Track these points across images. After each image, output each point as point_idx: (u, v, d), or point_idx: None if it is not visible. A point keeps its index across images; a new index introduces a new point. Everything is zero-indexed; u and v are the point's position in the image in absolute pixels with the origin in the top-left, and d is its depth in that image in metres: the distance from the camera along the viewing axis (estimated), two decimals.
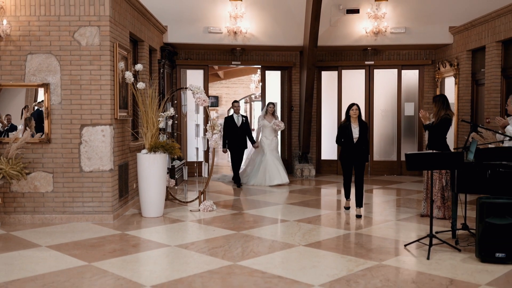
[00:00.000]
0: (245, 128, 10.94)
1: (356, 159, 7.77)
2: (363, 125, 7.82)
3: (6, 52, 7.20)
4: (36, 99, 7.43)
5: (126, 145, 8.13)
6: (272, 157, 11.11)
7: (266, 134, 11.21)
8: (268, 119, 11.23)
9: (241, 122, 10.87)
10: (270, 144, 11.20)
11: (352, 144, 7.72)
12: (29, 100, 7.47)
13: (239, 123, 10.85)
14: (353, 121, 7.81)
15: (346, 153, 7.82)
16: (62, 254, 5.65)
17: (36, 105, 7.40)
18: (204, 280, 4.82)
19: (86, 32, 7.21)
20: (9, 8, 7.18)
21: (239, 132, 10.83)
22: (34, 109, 7.42)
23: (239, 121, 10.87)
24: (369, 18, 11.67)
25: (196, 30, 11.50)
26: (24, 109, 7.44)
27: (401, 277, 4.95)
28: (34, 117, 7.42)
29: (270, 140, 11.23)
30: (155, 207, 7.69)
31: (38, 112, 7.40)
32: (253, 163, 11.37)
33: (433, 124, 7.31)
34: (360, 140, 7.72)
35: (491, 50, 9.81)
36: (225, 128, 10.89)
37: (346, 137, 7.77)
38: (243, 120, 10.93)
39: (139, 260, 5.57)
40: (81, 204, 7.33)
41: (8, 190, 7.28)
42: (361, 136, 7.72)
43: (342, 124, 7.93)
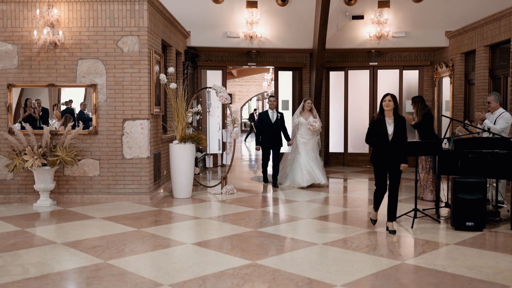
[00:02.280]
0: (280, 125, 10.39)
1: (391, 162, 6.44)
2: (400, 120, 6.44)
3: (61, 58, 8.55)
4: (60, 99, 8.72)
5: (159, 137, 9.44)
6: (307, 158, 10.23)
7: (302, 132, 10.30)
8: (305, 116, 10.30)
9: (276, 118, 10.36)
10: (306, 143, 10.27)
11: (387, 142, 6.39)
12: (52, 99, 8.73)
13: (274, 119, 10.35)
14: (388, 115, 6.44)
15: (379, 154, 6.48)
16: (115, 223, 6.98)
17: (63, 104, 8.70)
18: (232, 241, 6.12)
19: (127, 41, 8.53)
20: (64, 21, 8.52)
21: (273, 128, 10.32)
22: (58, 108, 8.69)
23: (274, 117, 10.37)
24: (372, 24, 12.88)
25: (216, 34, 12.79)
26: (54, 106, 8.71)
27: (388, 239, 6.20)
28: (68, 114, 8.70)
29: (307, 140, 10.27)
30: (185, 189, 9.01)
31: (69, 110, 8.69)
32: (287, 163, 10.64)
33: (419, 122, 8.53)
34: (396, 138, 6.38)
35: (480, 54, 11.00)
36: (259, 124, 10.49)
37: (379, 135, 6.43)
38: (278, 116, 10.39)
39: (178, 227, 6.89)
40: (123, 186, 8.66)
41: (62, 174, 8.64)
42: (397, 133, 6.37)
43: (375, 119, 6.55)
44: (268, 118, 10.38)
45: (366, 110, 14.14)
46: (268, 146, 10.36)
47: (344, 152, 14.28)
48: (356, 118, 14.16)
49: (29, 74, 8.56)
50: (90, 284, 4.55)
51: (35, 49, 8.53)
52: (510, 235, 6.38)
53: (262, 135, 10.39)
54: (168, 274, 4.82)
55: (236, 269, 4.97)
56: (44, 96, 8.68)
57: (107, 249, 5.66)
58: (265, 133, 10.34)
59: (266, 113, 10.51)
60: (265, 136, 10.35)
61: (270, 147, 10.36)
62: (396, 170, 6.46)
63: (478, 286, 4.49)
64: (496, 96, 8.10)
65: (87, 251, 5.59)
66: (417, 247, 5.82)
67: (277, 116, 10.38)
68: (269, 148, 10.38)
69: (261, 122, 10.42)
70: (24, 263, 5.15)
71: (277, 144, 10.38)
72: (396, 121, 6.42)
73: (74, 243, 5.94)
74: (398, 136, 6.39)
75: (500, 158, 6.66)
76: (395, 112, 6.44)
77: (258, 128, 10.51)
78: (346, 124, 14.23)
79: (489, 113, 8.26)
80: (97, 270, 4.92)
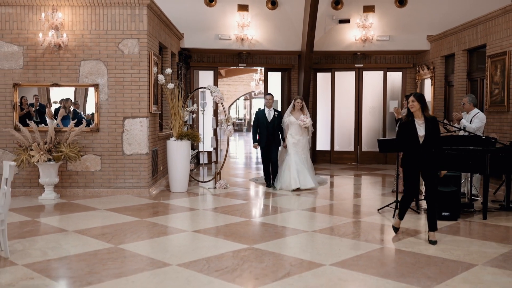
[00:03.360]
0: (277, 124, 10.09)
1: (424, 167, 6.06)
2: (430, 120, 6.04)
3: (64, 59, 9.03)
4: (49, 98, 9.22)
5: (156, 134, 9.96)
6: (296, 159, 9.84)
7: (292, 132, 9.97)
8: (296, 115, 9.98)
9: (273, 117, 10.05)
10: (296, 144, 9.93)
11: (418, 146, 6.01)
12: (42, 97, 9.21)
13: (270, 118, 10.05)
14: (417, 116, 6.05)
15: (411, 158, 6.09)
16: (118, 214, 7.50)
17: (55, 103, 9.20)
18: (228, 229, 6.68)
19: (128, 43, 9.04)
20: (67, 24, 9.00)
21: (269, 127, 10.04)
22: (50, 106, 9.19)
23: (271, 116, 10.06)
24: (358, 27, 13.51)
25: (208, 36, 13.32)
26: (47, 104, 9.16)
27: (371, 227, 6.80)
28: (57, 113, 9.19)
29: (297, 140, 9.94)
30: (181, 183, 9.54)
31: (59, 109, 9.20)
32: (280, 165, 10.18)
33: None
34: (427, 141, 5.99)
35: (459, 57, 11.68)
36: (255, 123, 10.31)
37: (409, 138, 6.04)
38: (275, 115, 10.09)
39: (178, 217, 7.43)
40: (123, 181, 9.17)
41: (65, 169, 9.12)
42: (428, 134, 5.98)
43: (403, 121, 6.16)
44: (264, 117, 10.09)
45: (351, 110, 14.77)
46: (265, 146, 10.09)
47: (330, 150, 14.90)
48: (343, 118, 14.78)
49: (34, 74, 9.03)
50: (105, 264, 5.08)
51: (40, 51, 9.00)
52: (482, 224, 7.01)
53: (259, 134, 10.17)
54: (175, 256, 5.37)
55: (235, 252, 5.53)
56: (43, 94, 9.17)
57: (115, 236, 6.18)
58: (262, 133, 10.10)
59: (262, 111, 10.21)
60: (261, 135, 10.11)
61: (268, 146, 10.09)
62: (431, 175, 6.03)
63: (449, 265, 5.10)
64: (470, 98, 8.75)
65: (97, 237, 6.11)
66: (397, 234, 6.41)
67: (274, 115, 10.08)
68: (266, 147, 10.10)
69: (257, 121, 10.19)
70: (42, 248, 5.66)
71: (274, 144, 10.11)
72: (426, 122, 6.00)
73: (84, 230, 6.45)
74: (430, 138, 5.98)
75: (474, 154, 7.30)
76: (424, 113, 6.03)
77: (254, 127, 10.35)
78: (333, 123, 14.83)
79: (465, 113, 8.91)
80: (109, 253, 5.45)
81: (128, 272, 4.82)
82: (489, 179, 7.49)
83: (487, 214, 7.30)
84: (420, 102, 5.98)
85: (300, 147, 9.92)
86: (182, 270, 4.89)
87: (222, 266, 5.00)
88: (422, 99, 6.01)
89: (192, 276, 4.70)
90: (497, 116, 9.76)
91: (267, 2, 13.41)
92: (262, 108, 10.45)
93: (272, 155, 10.11)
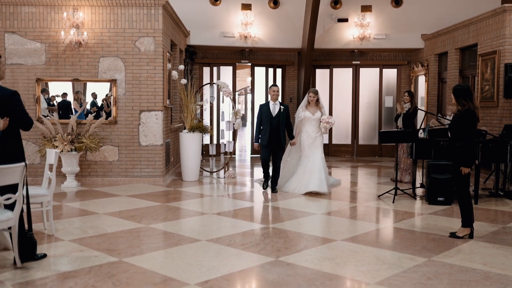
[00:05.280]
0: (282, 119, 8.86)
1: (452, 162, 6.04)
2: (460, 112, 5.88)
3: (84, 56, 9.62)
4: (48, 92, 9.84)
5: (169, 126, 10.58)
6: (313, 158, 8.83)
7: (307, 129, 8.93)
8: (311, 110, 8.97)
9: (278, 111, 8.85)
10: (312, 143, 8.90)
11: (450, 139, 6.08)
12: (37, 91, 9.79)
13: (275, 113, 8.85)
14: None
15: (473, 154, 5.89)
16: (141, 200, 8.13)
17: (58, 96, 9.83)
18: (245, 212, 7.34)
19: (144, 41, 9.64)
20: (87, 23, 9.59)
21: (273, 123, 8.83)
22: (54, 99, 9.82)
23: (276, 110, 8.86)
24: (356, 26, 14.18)
25: (213, 34, 13.93)
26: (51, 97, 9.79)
27: (374, 210, 7.49)
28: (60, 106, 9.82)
29: (313, 138, 8.91)
30: (193, 173, 10.18)
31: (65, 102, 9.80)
32: (288, 166, 9.30)
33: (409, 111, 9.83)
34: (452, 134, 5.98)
35: (452, 55, 12.39)
36: (258, 118, 9.04)
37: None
38: (281, 109, 8.87)
39: (197, 202, 8.07)
40: (139, 170, 9.79)
41: (84, 159, 9.72)
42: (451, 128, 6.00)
43: (474, 116, 5.78)
44: (268, 111, 8.88)
45: (349, 105, 15.46)
46: (267, 144, 8.86)
47: (328, 143, 15.57)
48: (340, 112, 15.45)
49: (56, 70, 9.61)
50: (142, 239, 5.72)
51: (61, 48, 9.58)
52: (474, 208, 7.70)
53: (261, 131, 8.96)
54: (202, 233, 6.02)
55: (255, 230, 6.20)
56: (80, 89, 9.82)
57: (144, 218, 6.82)
58: (264, 129, 8.89)
59: (267, 105, 9.00)
60: (263, 131, 8.90)
61: (270, 144, 8.86)
62: (455, 172, 5.92)
63: (446, 240, 5.79)
64: None
65: (128, 218, 6.75)
66: (397, 216, 7.10)
67: (280, 109, 8.84)
68: (268, 146, 8.88)
69: (261, 115, 9.00)
70: (81, 227, 6.28)
71: (278, 142, 8.85)
72: (456, 115, 5.94)
73: (113, 213, 7.08)
74: (452, 131, 5.94)
75: None
76: (459, 105, 5.85)
77: (257, 123, 9.06)
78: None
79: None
80: (143, 231, 6.09)
81: (164, 246, 5.47)
82: (480, 168, 8.20)
83: (478, 199, 8.01)
84: (454, 95, 5.89)
85: (317, 146, 8.89)
86: (212, 244, 5.54)
87: (246, 241, 5.66)
88: (455, 92, 5.88)
89: (221, 249, 5.36)
90: (487, 110, 10.48)
91: (269, 1, 14.04)
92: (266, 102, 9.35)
93: (276, 155, 8.94)
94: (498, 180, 8.63)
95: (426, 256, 5.15)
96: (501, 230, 6.31)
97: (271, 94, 9.04)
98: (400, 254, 5.22)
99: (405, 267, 4.80)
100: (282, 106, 8.96)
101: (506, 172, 8.63)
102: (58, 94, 9.83)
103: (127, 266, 4.77)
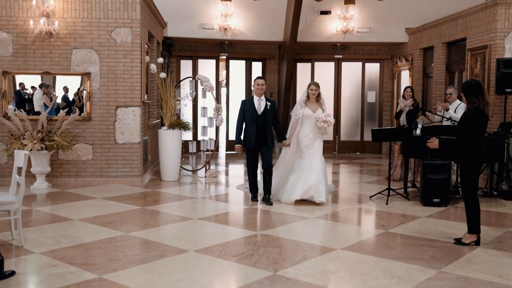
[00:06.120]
0: (270, 118, 7.66)
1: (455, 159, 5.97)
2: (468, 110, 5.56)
3: (56, 47, 8.93)
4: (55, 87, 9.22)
5: (147, 123, 9.98)
6: (310, 162, 7.60)
7: (306, 129, 7.69)
8: (312, 106, 7.70)
9: (264, 108, 7.63)
10: (310, 145, 7.66)
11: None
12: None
13: (261, 110, 7.63)
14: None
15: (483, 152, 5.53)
16: (118, 203, 7.54)
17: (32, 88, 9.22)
18: (232, 216, 6.84)
19: (121, 32, 9.01)
20: (59, 11, 8.90)
21: (259, 122, 7.61)
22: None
23: (261, 107, 7.64)
24: (339, 19, 13.76)
25: (192, 26, 13.32)
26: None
27: (369, 213, 7.08)
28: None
29: (312, 140, 7.67)
30: (173, 172, 9.62)
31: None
32: (282, 171, 8.09)
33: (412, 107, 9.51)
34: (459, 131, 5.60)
35: (438, 50, 12.08)
36: (240, 115, 7.78)
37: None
38: (267, 106, 7.64)
39: (179, 205, 7.52)
40: (115, 170, 9.18)
41: (56, 158, 9.06)
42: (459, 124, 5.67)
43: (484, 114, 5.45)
44: (252, 108, 7.63)
45: (330, 100, 15.05)
46: (255, 147, 7.63)
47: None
48: None
49: (24, 62, 8.90)
50: (123, 251, 5.17)
51: (30, 38, 8.88)
52: None
53: (245, 131, 7.74)
54: (189, 242, 5.49)
55: (246, 238, 5.71)
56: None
57: (123, 224, 6.25)
58: (249, 129, 7.65)
59: (250, 101, 7.76)
60: (248, 132, 7.66)
61: (257, 147, 7.64)
62: (463, 174, 5.55)
63: (452, 247, 5.40)
64: (456, 89, 9.13)
65: (105, 225, 6.17)
66: (394, 220, 6.70)
67: (266, 106, 7.64)
68: (253, 149, 7.66)
69: (243, 113, 7.74)
70: (54, 236, 5.69)
71: (266, 143, 7.63)
72: (464, 113, 5.62)
73: (89, 219, 6.49)
74: (460, 130, 5.56)
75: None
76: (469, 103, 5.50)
77: (238, 121, 7.80)
78: None
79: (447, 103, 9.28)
80: (123, 241, 5.53)
81: (149, 258, 4.93)
82: None
83: None
84: (463, 91, 5.60)
85: (316, 148, 7.68)
86: (201, 255, 5.03)
87: (239, 252, 5.16)
88: (464, 88, 5.57)
89: (213, 262, 4.85)
90: None
91: None
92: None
93: (264, 159, 7.66)
94: (493, 179, 8.33)
95: (435, 267, 4.74)
96: (507, 235, 5.96)
97: (256, 88, 7.75)
98: (408, 265, 4.81)
99: (416, 281, 4.38)
100: (268, 102, 7.70)
101: (502, 170, 8.33)
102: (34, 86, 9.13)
103: (108, 285, 4.22)
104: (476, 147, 5.46)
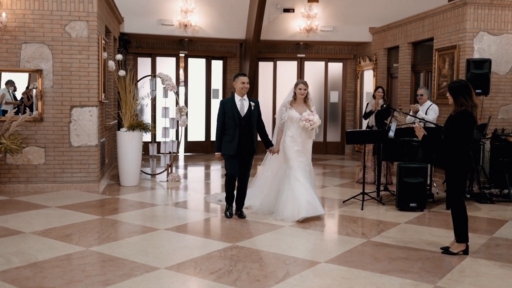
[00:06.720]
0: (254, 120, 6.70)
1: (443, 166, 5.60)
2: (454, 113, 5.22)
3: (3, 41, 8.16)
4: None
5: (104, 124, 9.31)
6: (303, 176, 6.76)
7: (294, 133, 6.85)
8: (299, 108, 6.89)
9: (248, 109, 6.66)
10: (300, 151, 6.84)
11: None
12: None
13: (244, 112, 6.63)
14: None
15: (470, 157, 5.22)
16: (75, 212, 6.89)
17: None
18: (203, 225, 6.33)
19: (76, 26, 8.33)
20: (6, 2, 8.13)
21: (243, 125, 6.60)
22: None
23: (244, 108, 6.65)
24: (302, 17, 13.43)
25: (150, 21, 12.67)
26: None
27: (345, 220, 6.73)
28: None
29: (301, 145, 6.86)
30: (133, 177, 9.00)
31: None
32: (269, 184, 7.15)
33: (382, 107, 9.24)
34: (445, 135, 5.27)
35: (403, 50, 11.93)
36: (220, 118, 6.71)
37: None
38: (251, 107, 6.66)
39: (143, 214, 6.93)
40: (70, 175, 8.48)
41: (3, 163, 8.28)
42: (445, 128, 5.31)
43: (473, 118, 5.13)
44: (235, 110, 6.62)
45: None
46: (236, 153, 6.60)
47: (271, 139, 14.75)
48: None
49: None
50: (84, 270, 4.58)
51: None
52: (447, 214, 7.14)
53: (225, 136, 6.66)
54: (158, 258, 4.96)
55: (221, 251, 5.22)
56: None
57: (82, 237, 5.64)
58: (230, 134, 6.61)
59: (231, 101, 6.70)
60: (229, 137, 6.62)
61: (239, 154, 6.63)
62: (449, 180, 5.26)
63: (441, 257, 5.10)
64: (427, 90, 8.93)
65: (62, 239, 5.55)
66: (373, 227, 6.37)
67: (250, 106, 6.66)
68: (236, 157, 6.64)
69: (223, 115, 6.68)
70: (3, 253, 5.03)
71: (249, 151, 6.68)
72: (451, 115, 5.28)
73: (43, 232, 5.84)
74: (446, 134, 5.23)
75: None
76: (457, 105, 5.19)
77: (218, 125, 6.72)
78: (274, 113, 14.70)
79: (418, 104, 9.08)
80: (84, 257, 4.94)
81: (116, 279, 4.37)
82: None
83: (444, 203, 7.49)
84: (450, 92, 5.26)
85: (305, 156, 6.90)
86: (174, 274, 4.51)
87: (216, 268, 4.67)
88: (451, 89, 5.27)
89: (188, 281, 4.35)
90: (444, 108, 10.04)
91: None
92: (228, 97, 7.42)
93: (245, 167, 6.73)
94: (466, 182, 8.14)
95: (430, 282, 4.41)
96: (492, 243, 5.73)
97: (240, 87, 6.67)
98: (400, 279, 4.45)
99: None
100: (252, 102, 6.69)
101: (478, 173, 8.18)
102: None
103: None
104: (464, 152, 5.17)
